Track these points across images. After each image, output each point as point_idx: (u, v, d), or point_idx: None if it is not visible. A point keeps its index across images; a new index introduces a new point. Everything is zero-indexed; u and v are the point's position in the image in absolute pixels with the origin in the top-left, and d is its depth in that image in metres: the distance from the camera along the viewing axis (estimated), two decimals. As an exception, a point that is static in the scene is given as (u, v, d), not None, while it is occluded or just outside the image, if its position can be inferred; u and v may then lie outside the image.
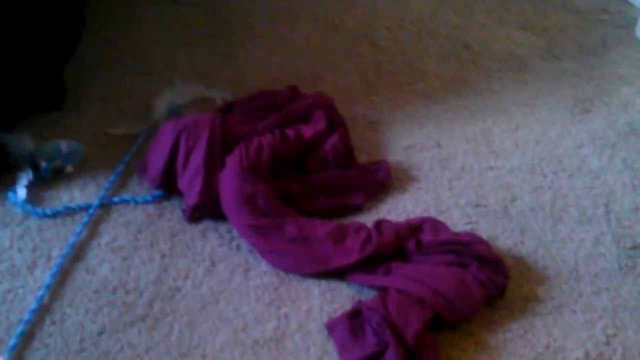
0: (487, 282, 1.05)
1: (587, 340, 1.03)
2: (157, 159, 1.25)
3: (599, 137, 1.43)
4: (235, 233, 1.17)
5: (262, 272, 1.12)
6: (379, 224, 1.16)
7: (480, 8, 1.87)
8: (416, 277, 1.05)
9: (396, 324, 0.98)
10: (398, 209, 1.25)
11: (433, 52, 1.69)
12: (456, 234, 1.15)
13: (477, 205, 1.26)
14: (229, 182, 1.17)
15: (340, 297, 1.08)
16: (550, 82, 1.60)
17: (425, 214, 1.22)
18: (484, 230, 1.20)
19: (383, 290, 1.05)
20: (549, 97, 1.55)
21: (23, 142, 1.30)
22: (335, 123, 1.35)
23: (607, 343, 1.03)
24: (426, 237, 1.13)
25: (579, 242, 1.19)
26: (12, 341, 0.99)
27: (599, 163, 1.37)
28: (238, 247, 1.16)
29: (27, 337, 1.00)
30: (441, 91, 1.56)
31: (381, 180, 1.27)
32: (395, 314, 0.99)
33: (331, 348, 1.00)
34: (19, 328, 1.01)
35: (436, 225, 1.16)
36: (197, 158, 1.21)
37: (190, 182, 1.20)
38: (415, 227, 1.15)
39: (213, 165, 1.21)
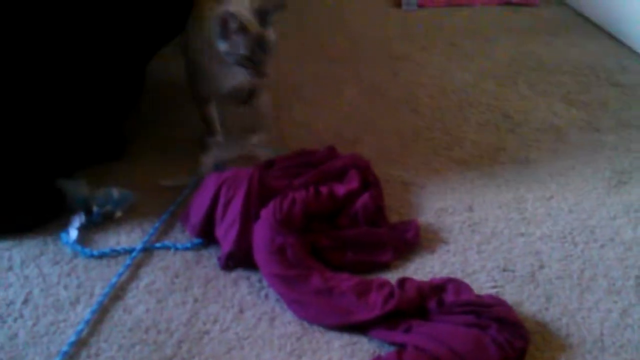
0: (504, 344, 1.05)
1: (607, 412, 1.02)
2: (198, 209, 1.33)
3: (635, 209, 1.43)
4: (265, 283, 1.23)
5: (287, 321, 1.16)
6: (402, 281, 1.19)
7: (523, 80, 1.93)
8: (434, 335, 1.07)
9: (409, 378, 0.99)
10: (425, 269, 1.28)
11: (472, 120, 1.74)
12: (478, 296, 1.16)
13: (504, 270, 1.27)
14: (261, 232, 1.24)
15: (361, 351, 1.11)
16: (588, 153, 1.62)
17: (451, 276, 1.24)
18: (509, 295, 1.21)
19: (401, 346, 1.07)
20: (586, 168, 1.56)
21: (79, 188, 1.41)
22: (369, 183, 1.40)
23: (628, 416, 1.02)
24: (448, 297, 1.15)
25: (606, 312, 1.19)
26: (49, 370, 1.06)
27: (633, 235, 1.36)
28: (266, 296, 1.21)
29: (63, 368, 1.08)
30: (477, 158, 1.60)
31: (409, 240, 1.31)
32: (409, 369, 1.01)
33: (346, 399, 1.03)
34: (57, 359, 1.08)
35: (459, 286, 1.18)
36: (235, 208, 1.28)
37: (227, 230, 1.27)
38: (438, 287, 1.17)
39: (249, 216, 1.27)
